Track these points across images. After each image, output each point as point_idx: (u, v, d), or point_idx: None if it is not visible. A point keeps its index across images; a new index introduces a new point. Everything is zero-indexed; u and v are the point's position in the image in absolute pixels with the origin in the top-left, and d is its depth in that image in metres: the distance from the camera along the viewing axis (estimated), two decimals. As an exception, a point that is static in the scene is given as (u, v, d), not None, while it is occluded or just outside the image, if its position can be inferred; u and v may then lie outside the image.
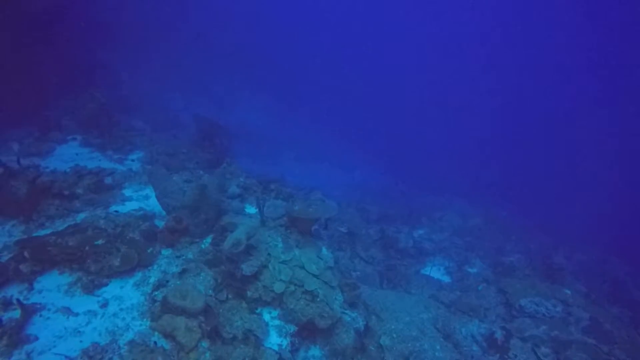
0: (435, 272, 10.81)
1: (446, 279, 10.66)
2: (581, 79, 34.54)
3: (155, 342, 4.71)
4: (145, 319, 5.07)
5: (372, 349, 6.75)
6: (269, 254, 6.70)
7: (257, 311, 6.01)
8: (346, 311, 6.93)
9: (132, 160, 10.03)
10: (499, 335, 7.78)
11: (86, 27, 13.78)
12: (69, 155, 9.62)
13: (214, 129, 11.45)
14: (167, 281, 5.69)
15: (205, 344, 4.89)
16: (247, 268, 6.06)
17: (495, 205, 17.88)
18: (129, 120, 12.82)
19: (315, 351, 6.10)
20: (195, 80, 20.45)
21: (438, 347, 7.09)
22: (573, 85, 34.57)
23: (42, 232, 6.32)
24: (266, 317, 5.99)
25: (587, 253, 14.20)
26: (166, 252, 6.44)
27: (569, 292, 9.16)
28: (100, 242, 5.94)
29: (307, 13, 37.54)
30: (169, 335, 4.76)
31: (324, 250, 7.47)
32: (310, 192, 10.07)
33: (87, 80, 13.05)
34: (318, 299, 6.29)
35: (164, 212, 7.29)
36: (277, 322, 5.99)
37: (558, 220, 18.02)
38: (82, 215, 6.87)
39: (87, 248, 5.70)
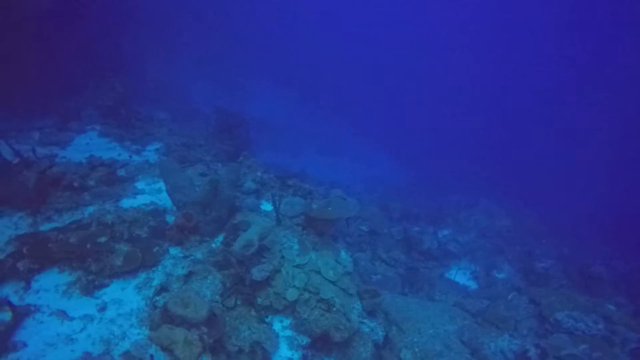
0: (461, 276, 9.93)
1: (472, 284, 9.76)
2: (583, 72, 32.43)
3: (151, 355, 4.16)
4: (144, 327, 4.53)
5: (392, 364, 6.04)
6: (282, 257, 6.06)
7: (267, 320, 5.38)
8: (364, 320, 6.23)
9: (150, 152, 9.60)
10: (532, 353, 6.88)
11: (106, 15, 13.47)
12: (86, 145, 9.29)
13: (234, 121, 10.89)
14: (171, 285, 5.14)
15: (206, 358, 4.30)
16: (257, 273, 5.44)
17: (525, 206, 16.63)
18: (151, 111, 12.45)
19: (329, 366, 5.43)
20: (220, 72, 20.02)
21: (465, 365, 6.30)
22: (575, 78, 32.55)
23: (49, 226, 5.91)
24: (277, 326, 5.37)
25: (626, 261, 12.88)
26: (174, 251, 5.90)
27: (612, 307, 8.10)
28: (103, 239, 5.45)
29: (331, 10, 36.63)
30: (166, 349, 4.20)
31: (343, 254, 6.77)
32: (331, 189, 9.37)
33: (112, 71, 12.74)
34: (334, 309, 5.61)
35: (175, 208, 6.76)
36: (288, 332, 5.35)
37: (588, 222, 16.64)
38: (90, 209, 6.42)
39: (88, 246, 5.21)
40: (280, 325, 5.41)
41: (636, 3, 27.17)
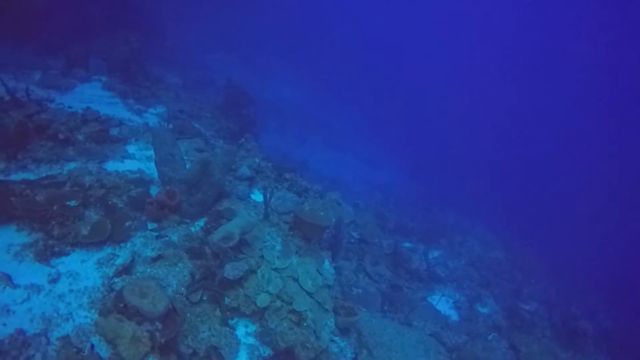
0: (443, 304, 9.41)
1: (454, 314, 9.26)
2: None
3: (92, 346, 3.66)
4: (94, 310, 4.03)
5: (355, 392, 5.56)
6: (262, 256, 5.54)
7: (232, 322, 4.88)
8: (335, 338, 5.74)
9: (152, 115, 9.03)
10: (503, 404, 6.41)
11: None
12: (87, 96, 8.72)
13: (243, 99, 10.28)
14: (135, 267, 4.62)
15: (153, 359, 3.81)
16: (231, 270, 4.91)
17: (522, 239, 16.05)
18: (163, 73, 11.83)
19: (288, 383, 4.94)
20: (240, 47, 19.25)
21: (431, 405, 5.83)
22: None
23: (22, 175, 5.39)
24: (240, 331, 4.86)
25: (611, 317, 12.37)
26: (150, 226, 5.38)
27: (594, 370, 7.60)
28: (74, 202, 4.93)
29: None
30: (110, 342, 3.70)
31: (327, 264, 6.24)
32: (328, 190, 8.80)
33: (131, 23, 12.08)
34: (305, 324, 5.10)
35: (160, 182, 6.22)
36: (251, 340, 4.84)
37: (581, 268, 16.07)
38: (71, 166, 5.89)
39: (55, 207, 4.68)
40: (244, 330, 4.90)
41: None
